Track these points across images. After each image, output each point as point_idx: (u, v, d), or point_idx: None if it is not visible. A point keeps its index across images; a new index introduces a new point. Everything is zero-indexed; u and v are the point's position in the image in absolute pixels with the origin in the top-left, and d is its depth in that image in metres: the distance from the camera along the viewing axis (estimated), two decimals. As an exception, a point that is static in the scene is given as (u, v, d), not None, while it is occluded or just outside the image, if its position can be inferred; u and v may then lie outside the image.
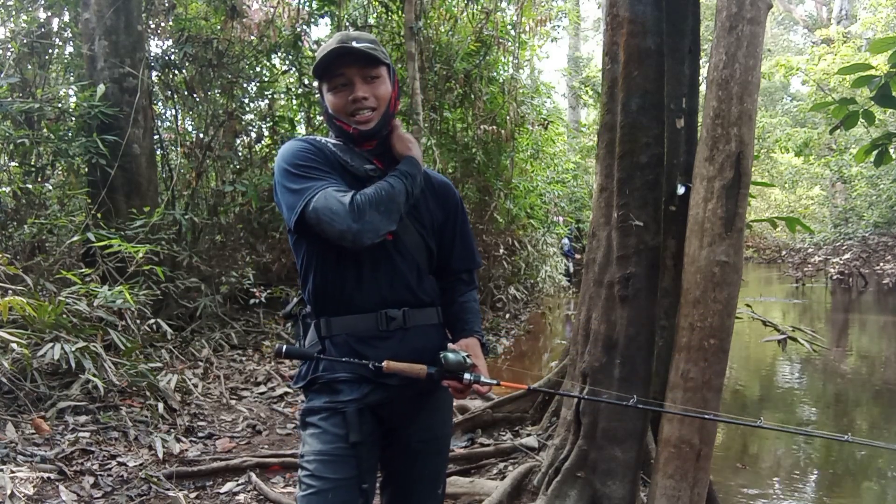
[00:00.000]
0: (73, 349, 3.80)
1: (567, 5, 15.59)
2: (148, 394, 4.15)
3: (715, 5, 2.24)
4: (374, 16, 8.41)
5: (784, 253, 19.94)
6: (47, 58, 6.42)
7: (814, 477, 3.85)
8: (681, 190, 2.42)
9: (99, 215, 5.23)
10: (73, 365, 3.77)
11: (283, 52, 7.21)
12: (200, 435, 3.97)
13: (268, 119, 7.29)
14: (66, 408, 3.76)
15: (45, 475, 3.05)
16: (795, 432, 4.70)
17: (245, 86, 7.34)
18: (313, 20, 7.49)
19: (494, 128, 8.87)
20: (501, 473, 3.34)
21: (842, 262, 14.41)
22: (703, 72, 2.64)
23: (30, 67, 6.07)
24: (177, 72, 6.79)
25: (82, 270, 4.70)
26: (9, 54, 5.95)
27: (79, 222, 5.26)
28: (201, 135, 7.00)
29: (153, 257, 5.03)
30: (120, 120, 5.72)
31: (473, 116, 8.99)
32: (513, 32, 9.79)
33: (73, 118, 5.83)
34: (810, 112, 14.83)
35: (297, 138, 1.57)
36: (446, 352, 1.46)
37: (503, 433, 3.99)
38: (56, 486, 3.01)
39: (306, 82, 7.42)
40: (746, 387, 5.96)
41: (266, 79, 7.60)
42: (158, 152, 6.78)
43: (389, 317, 1.51)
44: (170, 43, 6.79)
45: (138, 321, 4.69)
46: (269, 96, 7.75)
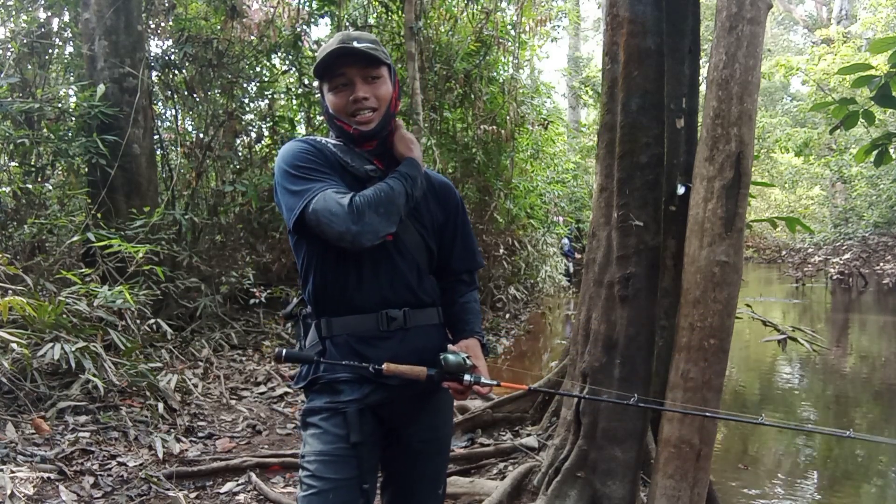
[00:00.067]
0: (73, 349, 3.80)
1: (567, 5, 15.59)
2: (148, 394, 4.15)
3: (715, 5, 2.24)
4: (374, 16, 8.41)
5: (784, 253, 19.94)
6: (47, 58, 6.42)
7: (814, 477, 3.85)
8: (681, 190, 2.42)
9: (99, 215, 5.23)
10: (73, 365, 3.77)
11: (283, 52, 7.21)
12: (200, 435, 3.97)
13: (268, 119, 7.29)
14: (66, 408, 3.76)
15: (45, 475, 3.05)
16: (797, 429, 4.71)
17: (245, 86, 7.34)
18: (313, 20, 7.49)
19: (494, 128, 8.87)
20: (501, 473, 3.34)
21: (842, 262, 14.41)
22: (703, 72, 2.64)
23: (30, 67, 6.07)
24: (177, 72, 6.79)
25: (82, 270, 4.70)
26: (9, 54, 5.95)
27: (79, 222, 5.26)
28: (201, 135, 7.00)
29: (153, 257, 5.03)
30: (120, 120, 5.72)
31: (473, 116, 8.99)
32: (513, 32, 9.79)
33: (73, 118, 5.83)
34: (810, 112, 14.83)
35: (297, 139, 1.57)
36: (446, 353, 1.45)
37: (503, 433, 3.99)
38: (56, 486, 3.01)
39: (306, 82, 7.42)
40: (746, 387, 5.96)
41: (266, 79, 7.60)
42: (158, 152, 6.78)
43: (390, 317, 1.51)
44: (170, 43, 6.79)
45: (138, 321, 4.69)
46: (269, 96, 7.75)
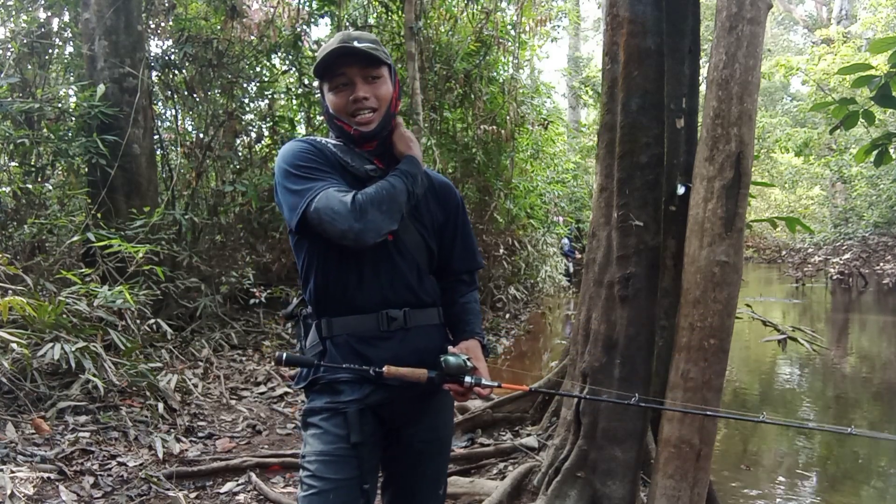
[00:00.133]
0: (73, 349, 3.80)
1: (567, 5, 15.59)
2: (148, 394, 4.15)
3: (715, 5, 2.24)
4: (374, 16, 8.41)
5: (784, 253, 19.95)
6: (47, 58, 6.42)
7: (814, 477, 3.85)
8: (681, 190, 2.42)
9: (99, 215, 5.23)
10: (73, 365, 3.77)
11: (283, 52, 7.20)
12: (200, 435, 3.97)
13: (268, 119, 7.29)
14: (66, 408, 3.76)
15: (45, 475, 3.05)
16: (798, 426, 4.71)
17: (245, 86, 7.34)
18: (313, 20, 7.49)
19: (494, 128, 8.87)
20: (501, 473, 3.34)
21: (842, 262, 14.42)
22: (703, 72, 2.64)
23: (30, 67, 6.07)
24: (177, 72, 6.79)
25: (82, 270, 4.69)
26: (9, 54, 5.95)
27: (79, 222, 5.26)
28: (201, 135, 7.00)
29: (153, 257, 5.02)
30: (120, 120, 5.71)
31: (473, 116, 8.99)
32: (513, 32, 9.79)
33: (73, 118, 5.83)
34: (810, 112, 14.83)
35: (298, 139, 1.57)
36: (447, 355, 1.45)
37: (503, 433, 3.99)
38: (56, 486, 3.01)
39: (306, 82, 7.42)
40: (746, 387, 5.96)
41: (266, 79, 7.60)
42: (158, 152, 6.78)
43: (390, 317, 1.51)
44: (170, 43, 6.79)
45: (138, 321, 4.69)
46: (269, 96, 7.75)
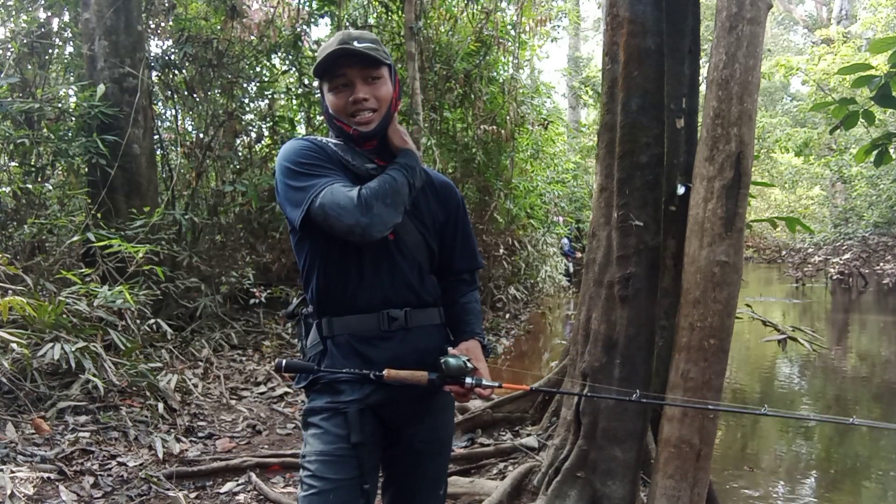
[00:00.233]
0: (73, 349, 3.80)
1: (567, 5, 15.59)
2: (148, 394, 4.15)
3: (715, 5, 2.24)
4: (374, 16, 8.41)
5: (784, 253, 19.94)
6: (47, 58, 6.42)
7: (814, 477, 3.85)
8: (681, 190, 2.42)
9: (99, 215, 5.23)
10: (73, 365, 3.77)
11: (283, 52, 7.20)
12: (200, 435, 3.97)
13: (268, 119, 7.29)
14: (66, 408, 3.76)
15: (45, 475, 3.05)
16: (800, 418, 4.71)
17: (245, 86, 7.34)
18: (313, 20, 7.49)
19: (494, 128, 8.87)
20: (501, 473, 3.34)
21: (842, 262, 14.42)
22: (703, 72, 2.64)
23: (30, 67, 6.07)
24: (177, 72, 6.79)
25: (82, 270, 4.69)
26: (9, 54, 5.95)
27: (79, 222, 5.26)
28: (201, 135, 7.00)
29: (153, 257, 5.02)
30: (120, 120, 5.71)
31: (473, 116, 8.99)
32: (513, 32, 9.79)
33: (73, 118, 5.83)
34: (810, 112, 14.84)
35: (298, 138, 1.57)
36: (447, 357, 1.45)
37: (503, 433, 3.99)
38: (56, 486, 3.01)
39: (306, 82, 7.42)
40: (746, 387, 5.97)
41: (266, 79, 7.60)
42: (158, 152, 6.78)
43: (391, 317, 1.51)
44: (170, 43, 6.79)
45: (138, 321, 4.69)
46: (269, 96, 7.75)
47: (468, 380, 1.43)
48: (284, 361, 1.46)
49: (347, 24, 7.58)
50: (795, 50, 24.53)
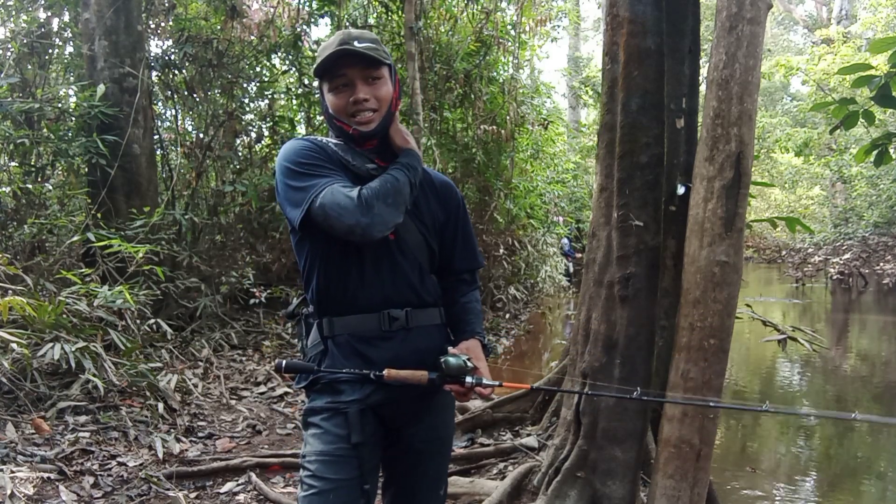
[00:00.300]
0: (73, 349, 3.80)
1: (567, 5, 15.59)
2: (148, 394, 4.15)
3: (715, 5, 2.24)
4: (374, 16, 8.41)
5: (784, 253, 19.94)
6: (47, 58, 6.42)
7: (814, 477, 3.85)
8: (681, 190, 2.42)
9: (99, 215, 5.23)
10: (73, 365, 3.77)
11: (283, 52, 7.21)
12: (200, 435, 3.97)
13: (268, 119, 7.29)
14: (66, 408, 3.76)
15: (45, 475, 3.05)
16: (801, 414, 4.71)
17: (245, 86, 7.34)
18: (313, 20, 7.49)
19: (494, 128, 8.87)
20: (501, 473, 3.34)
21: (842, 262, 14.42)
22: (703, 72, 2.64)
23: (30, 67, 6.07)
24: (177, 72, 6.79)
25: (82, 270, 4.69)
26: (9, 54, 5.95)
27: (79, 222, 5.26)
28: (201, 135, 7.00)
29: (153, 257, 5.02)
30: (120, 120, 5.71)
31: (473, 116, 8.99)
32: (513, 32, 9.79)
33: (73, 118, 5.83)
34: (810, 112, 14.84)
35: (298, 138, 1.57)
36: (447, 356, 1.45)
37: (503, 433, 3.99)
38: (56, 486, 3.01)
39: (306, 82, 7.42)
40: (746, 387, 5.97)
41: (266, 79, 7.60)
42: (158, 152, 6.78)
43: (392, 317, 1.51)
44: (170, 43, 6.79)
45: (138, 321, 4.69)
46: (269, 96, 7.75)
47: (468, 379, 1.43)
48: (285, 362, 1.46)
49: (347, 24, 7.58)
50: (795, 50, 24.54)
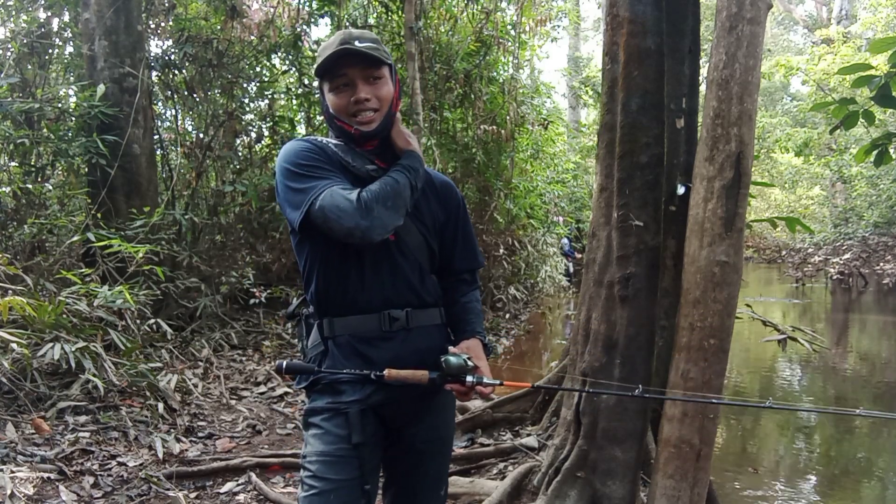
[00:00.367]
0: (73, 349, 3.80)
1: (567, 5, 15.59)
2: (148, 394, 4.15)
3: (715, 5, 2.24)
4: (374, 16, 8.41)
5: (784, 253, 19.94)
6: (47, 58, 6.42)
7: (814, 477, 3.85)
8: (681, 190, 2.42)
9: (99, 215, 5.23)
10: (73, 365, 3.77)
11: (283, 52, 7.21)
12: (200, 435, 3.97)
13: (268, 119, 7.29)
14: (66, 408, 3.76)
15: (45, 475, 3.05)
16: (805, 410, 4.71)
17: (245, 86, 7.34)
18: (313, 20, 7.49)
19: (494, 128, 8.87)
20: (501, 473, 3.34)
21: (842, 262, 14.42)
22: (703, 72, 2.64)
23: (30, 67, 6.07)
24: (177, 72, 6.79)
25: (82, 270, 4.69)
26: (9, 54, 5.95)
27: (79, 222, 5.26)
28: (201, 135, 7.00)
29: (153, 257, 5.02)
30: (120, 120, 5.71)
31: (473, 116, 8.99)
32: (513, 32, 9.79)
33: (73, 118, 5.83)
34: (810, 112, 14.84)
35: (298, 138, 1.57)
36: (447, 355, 1.44)
37: (503, 433, 3.99)
38: (56, 486, 3.01)
39: (306, 82, 7.42)
40: (746, 387, 5.97)
41: (266, 79, 7.60)
42: (158, 152, 6.78)
43: (392, 317, 1.51)
44: (170, 43, 6.79)
45: (138, 321, 4.69)
46: (269, 96, 7.75)
47: (469, 378, 1.43)
48: (285, 363, 1.46)
49: (347, 24, 7.58)
50: (795, 50, 24.54)
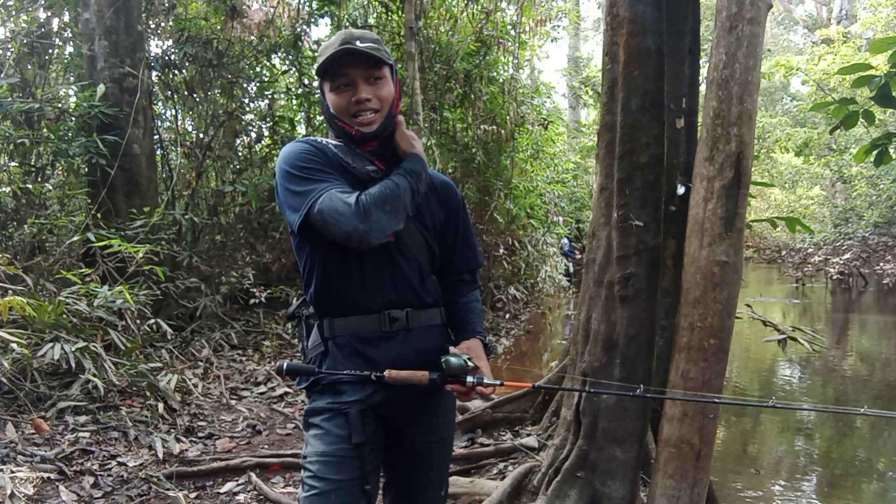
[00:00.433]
0: (73, 349, 3.80)
1: (567, 5, 15.59)
2: (148, 394, 4.15)
3: (715, 5, 2.24)
4: (374, 16, 8.41)
5: (784, 253, 19.94)
6: (47, 58, 6.42)
7: (814, 478, 3.85)
8: (681, 190, 2.42)
9: (99, 215, 5.23)
10: (73, 365, 3.77)
11: (283, 52, 7.21)
12: (200, 435, 3.97)
13: (268, 119, 7.30)
14: (66, 408, 3.76)
15: (45, 475, 3.05)
16: (808, 409, 4.70)
17: (245, 86, 7.35)
18: (313, 20, 7.49)
19: (494, 128, 8.87)
20: (501, 473, 3.34)
21: (842, 262, 14.42)
22: (703, 72, 2.64)
23: (30, 67, 6.07)
24: (177, 72, 6.79)
25: (82, 270, 4.70)
26: (9, 54, 5.95)
27: (79, 222, 5.26)
28: (201, 135, 7.00)
29: (153, 257, 5.02)
30: (120, 120, 5.72)
31: (473, 116, 8.99)
32: (513, 32, 9.79)
33: (73, 118, 5.83)
34: (810, 112, 14.84)
35: (298, 139, 1.56)
36: (448, 356, 1.44)
37: (503, 433, 4.00)
38: (56, 486, 3.01)
39: (306, 82, 7.42)
40: (747, 387, 5.96)
41: (266, 79, 7.60)
42: (158, 152, 6.78)
43: (393, 318, 1.50)
44: (170, 43, 6.79)
45: (138, 321, 4.69)
46: (269, 96, 7.76)
47: (469, 378, 1.43)
48: (286, 365, 1.46)
49: (347, 24, 7.58)
50: (795, 50, 24.53)
